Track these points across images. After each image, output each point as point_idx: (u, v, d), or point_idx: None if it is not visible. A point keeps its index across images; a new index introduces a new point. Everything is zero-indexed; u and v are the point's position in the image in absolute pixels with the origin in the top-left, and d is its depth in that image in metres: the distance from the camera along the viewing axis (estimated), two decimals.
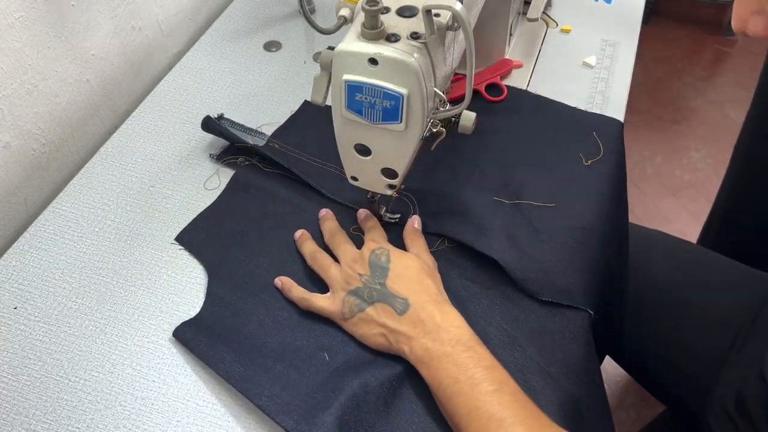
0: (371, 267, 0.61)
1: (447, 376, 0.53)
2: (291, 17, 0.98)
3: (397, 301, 0.58)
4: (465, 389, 0.52)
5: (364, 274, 0.60)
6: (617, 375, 1.41)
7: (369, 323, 0.59)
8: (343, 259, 0.63)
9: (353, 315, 0.60)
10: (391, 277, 0.60)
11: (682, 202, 1.80)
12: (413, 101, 0.53)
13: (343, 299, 0.60)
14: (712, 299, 0.81)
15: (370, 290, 0.59)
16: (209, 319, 0.63)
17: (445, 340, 0.55)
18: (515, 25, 0.90)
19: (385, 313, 0.58)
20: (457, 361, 0.54)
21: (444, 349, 0.55)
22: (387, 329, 0.58)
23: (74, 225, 0.72)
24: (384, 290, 0.59)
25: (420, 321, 0.57)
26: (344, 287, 0.61)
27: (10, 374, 0.60)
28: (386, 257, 0.61)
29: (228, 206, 0.73)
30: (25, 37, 0.71)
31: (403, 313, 0.57)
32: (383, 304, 0.58)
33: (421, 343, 0.56)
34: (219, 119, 0.81)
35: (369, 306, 0.59)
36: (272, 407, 0.55)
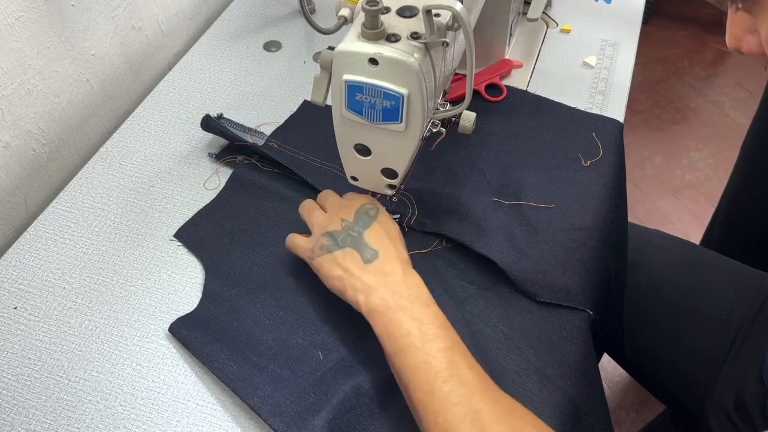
0: (356, 215, 0.61)
1: (400, 328, 0.54)
2: (291, 17, 0.98)
3: (367, 250, 0.59)
4: (416, 343, 0.52)
5: (346, 220, 0.61)
6: (617, 375, 1.41)
7: (332, 265, 0.59)
8: (331, 206, 0.64)
9: (321, 254, 0.60)
10: (372, 228, 0.60)
11: (682, 202, 1.80)
12: (413, 101, 0.53)
13: (317, 239, 0.61)
14: (712, 299, 0.81)
15: (345, 235, 0.60)
16: (205, 316, 0.63)
17: (405, 294, 0.56)
18: (515, 25, 0.90)
19: (351, 259, 0.59)
20: (413, 315, 0.54)
21: (401, 302, 0.55)
22: (347, 274, 0.58)
23: (74, 225, 0.72)
24: (359, 238, 0.60)
25: (383, 273, 0.57)
26: (322, 228, 0.62)
27: (10, 374, 0.60)
28: (375, 212, 0.62)
29: (227, 204, 0.73)
30: (25, 37, 0.71)
31: (369, 262, 0.58)
32: (352, 250, 0.59)
33: (378, 293, 0.56)
34: (218, 118, 0.81)
35: (338, 249, 0.60)
36: (264, 408, 0.55)
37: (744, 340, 0.75)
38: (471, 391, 0.50)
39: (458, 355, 0.52)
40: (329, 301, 0.64)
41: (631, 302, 0.84)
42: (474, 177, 0.74)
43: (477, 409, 0.48)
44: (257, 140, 0.79)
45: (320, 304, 0.64)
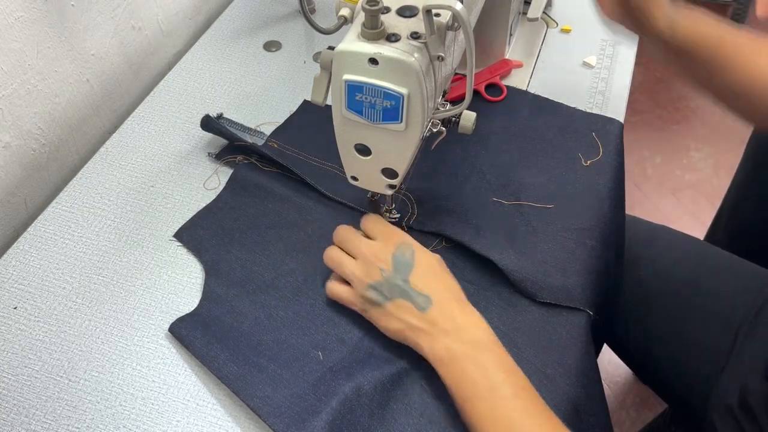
0: (395, 262, 0.59)
1: (466, 378, 0.53)
2: (291, 17, 0.98)
3: (420, 298, 0.57)
4: (484, 393, 0.52)
5: (386, 269, 0.59)
6: (617, 375, 1.41)
7: (387, 317, 0.58)
8: (361, 252, 0.61)
9: (372, 308, 0.59)
10: (415, 273, 0.58)
11: (682, 202, 1.80)
12: (413, 101, 0.53)
13: (362, 293, 0.59)
14: (716, 294, 0.81)
15: (391, 286, 0.58)
16: (205, 316, 0.63)
17: (466, 341, 0.54)
18: (515, 25, 0.90)
19: (404, 309, 0.57)
20: (477, 362, 0.53)
21: (464, 350, 0.54)
22: (406, 324, 0.57)
23: (74, 225, 0.72)
24: (406, 287, 0.58)
25: (441, 319, 0.56)
26: (363, 280, 0.59)
27: (10, 374, 0.60)
28: (411, 254, 0.60)
29: (227, 204, 0.73)
30: (25, 37, 0.71)
31: (424, 310, 0.56)
32: (403, 300, 0.57)
33: (442, 342, 0.55)
34: (218, 118, 0.81)
35: (388, 301, 0.58)
36: (264, 409, 0.55)
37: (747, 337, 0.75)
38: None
39: (528, 401, 0.51)
40: (329, 301, 0.64)
41: (636, 297, 0.84)
42: (474, 177, 0.74)
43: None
44: (257, 140, 0.79)
45: (320, 304, 0.64)
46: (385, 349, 0.60)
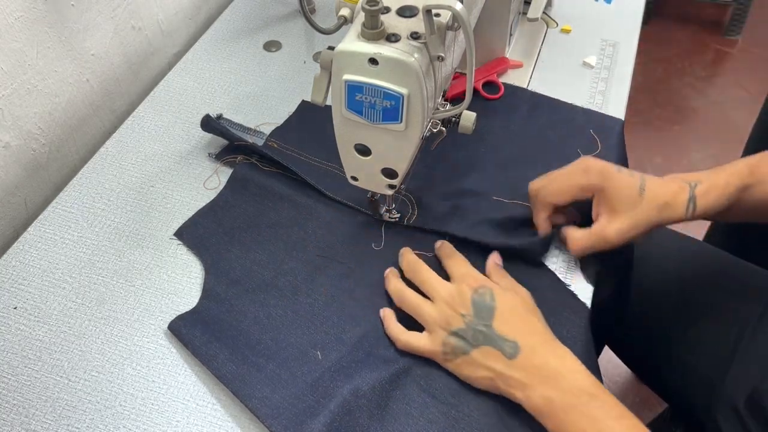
0: (475, 307, 0.57)
1: (575, 429, 0.51)
2: (291, 17, 0.98)
3: (507, 344, 0.55)
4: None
5: (467, 315, 0.56)
6: (617, 375, 1.41)
7: (474, 366, 0.56)
8: (438, 295, 0.59)
9: (456, 357, 0.57)
10: (498, 317, 0.56)
11: None
12: (413, 101, 0.53)
13: (443, 340, 0.57)
14: (718, 295, 0.81)
15: (474, 332, 0.56)
16: (204, 314, 0.63)
17: (566, 389, 0.52)
18: (515, 25, 0.90)
19: (492, 357, 0.55)
20: (584, 412, 0.51)
21: (567, 400, 0.52)
22: (495, 373, 0.55)
23: (74, 225, 0.72)
24: (490, 332, 0.55)
25: (534, 367, 0.54)
26: (444, 327, 0.57)
27: (10, 374, 0.60)
28: (491, 296, 0.57)
29: (227, 203, 0.73)
30: (25, 37, 0.71)
31: (513, 357, 0.54)
32: (490, 347, 0.55)
33: (539, 392, 0.53)
34: (218, 119, 0.81)
35: (473, 349, 0.56)
36: (262, 410, 0.55)
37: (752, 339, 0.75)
38: None
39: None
40: (328, 300, 0.64)
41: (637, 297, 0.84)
42: (474, 176, 0.74)
43: None
44: (257, 140, 0.79)
45: (319, 303, 0.64)
46: (385, 349, 0.60)
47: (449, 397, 0.57)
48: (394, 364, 0.59)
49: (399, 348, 0.60)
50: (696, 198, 0.61)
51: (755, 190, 0.62)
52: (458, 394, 0.57)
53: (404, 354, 0.60)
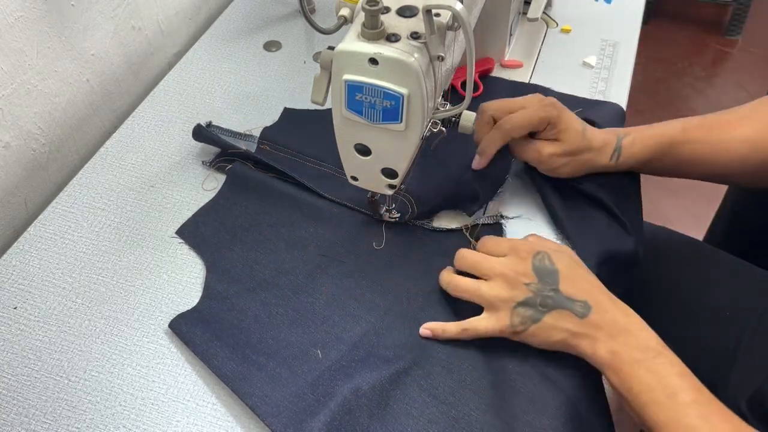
0: (537, 273, 0.57)
1: (639, 383, 0.52)
2: (291, 17, 0.98)
3: (577, 305, 0.56)
4: (661, 399, 0.51)
5: (531, 283, 0.57)
6: None
7: (549, 331, 0.56)
8: (494, 272, 0.58)
9: (528, 327, 0.57)
10: (563, 280, 0.57)
11: (683, 203, 1.80)
12: (413, 101, 0.53)
13: (512, 313, 0.57)
14: (719, 295, 0.81)
15: (543, 298, 0.56)
16: (205, 313, 0.63)
17: (634, 345, 0.54)
18: (515, 25, 0.90)
19: (564, 319, 0.56)
20: (649, 368, 0.52)
21: (634, 355, 0.53)
22: (569, 333, 0.56)
23: (74, 225, 0.72)
24: (559, 296, 0.56)
25: (604, 324, 0.55)
26: (508, 301, 0.57)
27: (10, 374, 0.60)
28: (549, 259, 0.58)
29: (228, 201, 0.73)
30: (25, 37, 0.71)
31: (585, 316, 0.55)
32: (561, 310, 0.56)
33: (608, 346, 0.54)
34: (208, 127, 0.80)
35: (545, 314, 0.56)
36: (262, 408, 0.55)
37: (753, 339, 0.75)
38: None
39: (707, 405, 0.51)
40: (329, 299, 0.64)
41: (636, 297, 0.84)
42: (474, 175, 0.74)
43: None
44: (249, 144, 0.79)
45: (320, 302, 0.64)
46: (385, 349, 0.60)
47: (449, 396, 0.57)
48: (395, 363, 0.59)
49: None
50: (621, 148, 0.67)
51: (683, 148, 0.67)
52: (458, 393, 0.57)
53: (404, 354, 0.60)
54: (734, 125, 0.67)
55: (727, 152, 0.67)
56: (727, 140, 0.67)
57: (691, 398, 0.51)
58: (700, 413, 0.50)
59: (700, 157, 0.68)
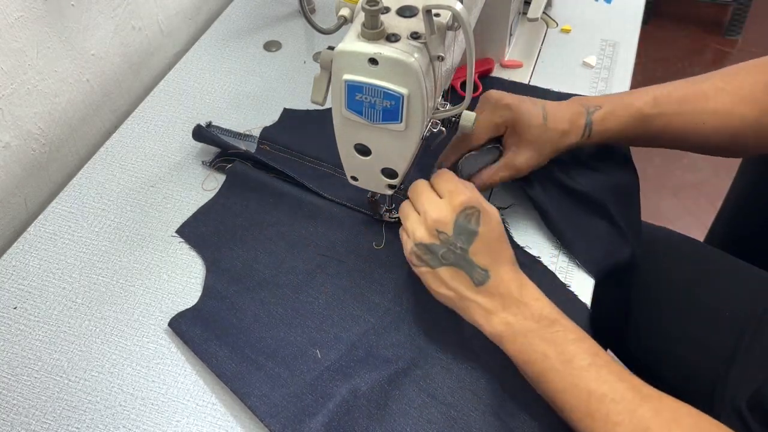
0: (457, 228, 0.55)
1: (535, 352, 0.52)
2: (291, 17, 0.98)
3: (476, 272, 0.55)
4: (557, 365, 0.51)
5: (444, 233, 0.55)
6: None
7: (437, 281, 0.57)
8: (424, 210, 0.57)
9: (421, 266, 0.57)
10: (477, 244, 0.55)
11: (683, 203, 1.80)
12: (413, 101, 0.53)
13: (415, 250, 0.57)
14: (719, 296, 0.81)
15: (447, 251, 0.55)
16: (205, 312, 0.63)
17: (528, 315, 0.53)
18: (515, 25, 0.90)
19: (458, 279, 0.55)
20: (544, 336, 0.52)
21: (527, 325, 0.53)
22: (458, 295, 0.56)
23: (74, 225, 0.72)
24: (465, 257, 0.55)
25: (498, 294, 0.55)
26: (419, 239, 0.56)
27: (10, 374, 0.60)
28: (476, 220, 0.56)
29: (229, 200, 0.73)
30: (25, 37, 0.71)
31: (481, 284, 0.55)
32: (457, 270, 0.55)
33: (501, 317, 0.54)
34: (208, 127, 0.80)
35: (441, 266, 0.56)
36: (261, 408, 0.55)
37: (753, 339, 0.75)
38: (629, 405, 0.48)
39: (604, 368, 0.50)
40: (329, 299, 0.64)
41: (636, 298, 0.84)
42: None
43: (644, 426, 0.47)
44: (249, 144, 0.79)
45: (320, 302, 0.64)
46: (384, 349, 0.60)
47: (448, 396, 0.57)
48: (394, 364, 0.59)
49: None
50: (592, 123, 0.66)
51: (656, 121, 0.67)
52: (457, 394, 0.57)
53: (404, 354, 0.60)
54: (708, 97, 0.67)
55: (703, 125, 0.67)
56: (699, 112, 0.66)
57: (588, 362, 0.50)
58: (598, 376, 0.50)
59: (673, 129, 0.67)
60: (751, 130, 0.67)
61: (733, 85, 0.67)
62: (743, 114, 0.66)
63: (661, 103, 0.67)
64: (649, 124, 0.67)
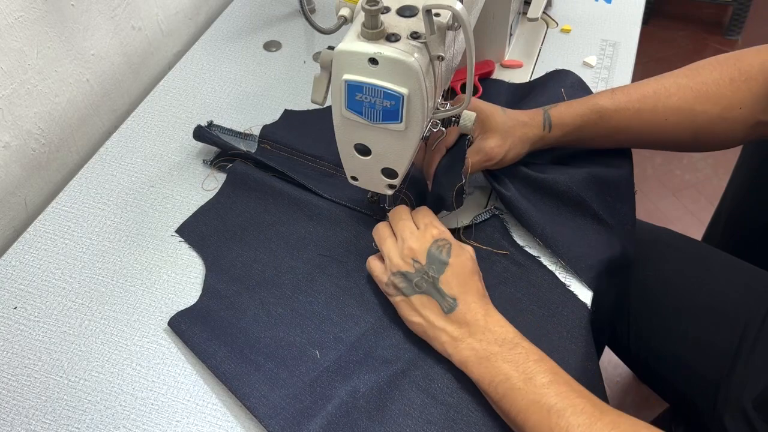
0: (429, 258, 0.59)
1: (498, 374, 0.53)
2: (291, 17, 0.98)
3: (446, 301, 0.58)
4: (519, 384, 0.52)
5: (418, 262, 0.59)
6: (617, 375, 1.41)
7: (410, 310, 0.59)
8: (401, 235, 0.61)
9: (396, 295, 0.60)
10: (448, 273, 0.58)
11: (683, 202, 1.80)
12: (413, 101, 0.53)
13: (390, 277, 0.60)
14: (720, 295, 0.81)
15: (420, 279, 0.58)
16: (204, 311, 0.63)
17: (491, 340, 0.55)
18: (515, 25, 0.90)
19: (429, 307, 0.58)
20: (506, 358, 0.54)
21: (491, 348, 0.55)
22: (428, 323, 0.58)
23: (74, 225, 0.72)
24: (435, 285, 0.58)
25: (465, 322, 0.57)
26: (396, 265, 0.60)
27: (10, 374, 0.60)
28: (447, 252, 0.59)
29: (229, 199, 0.73)
30: (25, 37, 0.71)
31: (450, 311, 0.57)
32: (429, 298, 0.58)
33: (467, 343, 0.56)
34: (209, 127, 0.80)
35: (414, 294, 0.59)
36: (259, 409, 0.55)
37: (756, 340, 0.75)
38: (589, 419, 0.49)
39: (564, 385, 0.52)
40: (328, 299, 0.64)
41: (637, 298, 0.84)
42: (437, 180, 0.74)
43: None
44: (250, 144, 0.79)
45: (319, 302, 0.64)
46: (383, 349, 0.60)
47: (448, 397, 0.57)
48: (393, 364, 0.59)
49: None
50: (550, 117, 0.69)
51: (614, 116, 0.68)
52: (457, 394, 0.57)
53: (403, 354, 0.60)
54: (670, 93, 0.68)
55: (665, 121, 0.68)
56: (661, 109, 0.68)
57: (548, 380, 0.52)
58: (558, 392, 0.51)
59: (635, 125, 0.69)
60: (714, 126, 0.68)
61: (696, 81, 0.68)
62: (706, 110, 0.67)
63: (620, 99, 0.69)
64: (608, 119, 0.69)
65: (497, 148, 0.67)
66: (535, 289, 0.65)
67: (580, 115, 0.69)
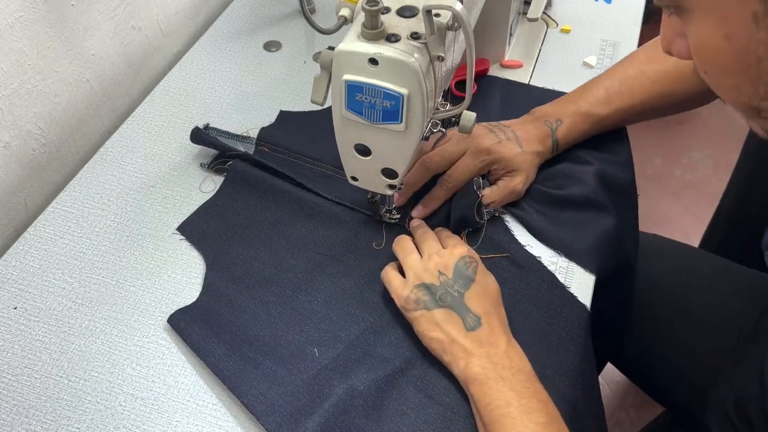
0: (455, 272, 0.59)
1: (499, 398, 0.52)
2: (291, 17, 0.98)
3: (470, 316, 0.57)
4: (515, 414, 0.51)
5: (444, 275, 0.59)
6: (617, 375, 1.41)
7: (431, 325, 0.58)
8: (428, 251, 0.61)
9: (417, 309, 0.58)
10: (473, 290, 0.58)
11: (683, 203, 1.80)
12: (413, 101, 0.53)
13: (413, 289, 0.59)
14: (713, 302, 0.81)
15: (445, 293, 0.58)
16: (204, 309, 0.63)
17: (507, 366, 0.54)
18: (515, 25, 0.90)
19: (451, 322, 0.57)
20: (514, 387, 0.53)
21: (503, 373, 0.54)
22: (448, 338, 0.57)
23: (74, 225, 0.72)
24: (460, 300, 0.57)
25: (487, 342, 0.56)
26: (419, 277, 0.59)
27: (10, 374, 0.60)
28: (474, 270, 0.59)
29: (230, 198, 0.73)
30: (25, 37, 0.71)
31: (472, 330, 0.56)
32: (453, 313, 0.57)
33: (481, 361, 0.55)
34: (206, 129, 0.80)
35: (437, 308, 0.58)
36: (257, 407, 0.55)
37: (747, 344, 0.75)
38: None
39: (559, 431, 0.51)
40: (328, 298, 0.64)
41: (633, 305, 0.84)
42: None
43: None
44: (248, 147, 0.79)
45: (319, 301, 0.64)
46: (382, 348, 0.60)
47: (445, 397, 0.57)
48: (392, 363, 0.59)
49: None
50: (558, 140, 0.72)
51: (613, 116, 0.73)
52: (454, 395, 0.57)
53: (401, 354, 0.60)
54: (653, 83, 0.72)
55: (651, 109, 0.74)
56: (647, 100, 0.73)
57: (545, 421, 0.51)
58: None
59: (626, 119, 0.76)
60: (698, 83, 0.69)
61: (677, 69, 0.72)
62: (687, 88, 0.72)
63: (614, 102, 0.73)
64: (608, 121, 0.74)
65: (521, 184, 0.69)
66: (534, 291, 0.65)
67: (584, 130, 0.73)
